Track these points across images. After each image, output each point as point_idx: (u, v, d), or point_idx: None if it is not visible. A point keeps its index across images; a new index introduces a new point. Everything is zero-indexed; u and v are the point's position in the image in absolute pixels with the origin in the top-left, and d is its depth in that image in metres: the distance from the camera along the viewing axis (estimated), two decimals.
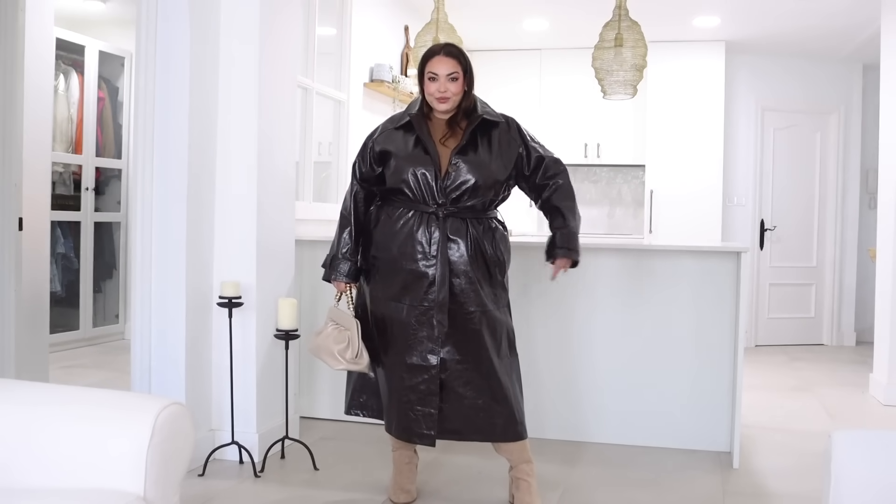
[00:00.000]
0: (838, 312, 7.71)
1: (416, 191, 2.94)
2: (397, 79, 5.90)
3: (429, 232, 2.93)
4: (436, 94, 2.94)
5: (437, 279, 2.90)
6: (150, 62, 3.44)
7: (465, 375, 2.93)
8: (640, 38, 4.40)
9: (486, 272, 2.97)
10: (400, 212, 2.98)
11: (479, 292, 2.93)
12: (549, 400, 4.08)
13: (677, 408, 3.97)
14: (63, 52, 5.89)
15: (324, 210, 5.28)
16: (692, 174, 7.18)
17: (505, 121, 3.06)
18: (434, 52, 2.99)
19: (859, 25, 6.34)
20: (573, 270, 3.17)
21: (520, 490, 3.07)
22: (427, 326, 2.92)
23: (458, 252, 2.93)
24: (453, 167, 2.92)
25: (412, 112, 3.02)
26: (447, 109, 2.97)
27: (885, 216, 5.29)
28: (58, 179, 6.14)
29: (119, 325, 6.69)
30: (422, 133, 2.96)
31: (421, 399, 2.93)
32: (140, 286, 3.49)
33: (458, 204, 2.94)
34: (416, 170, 2.93)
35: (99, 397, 2.02)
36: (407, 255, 2.94)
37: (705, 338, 3.94)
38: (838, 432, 1.88)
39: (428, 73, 2.96)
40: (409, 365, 2.94)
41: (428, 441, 2.95)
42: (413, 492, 3.17)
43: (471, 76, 3.00)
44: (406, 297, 2.94)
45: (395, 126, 3.04)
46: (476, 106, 3.01)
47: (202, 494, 3.20)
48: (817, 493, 3.21)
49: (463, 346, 2.93)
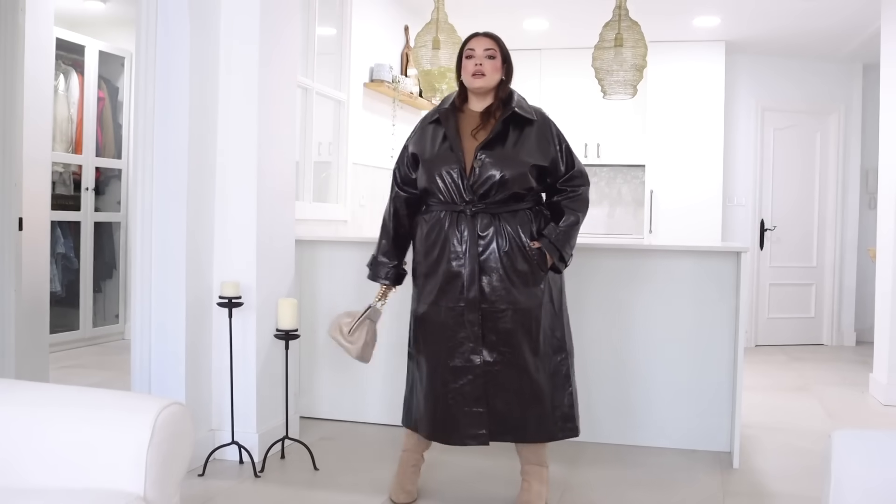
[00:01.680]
0: (838, 312, 7.70)
1: (444, 192, 2.94)
2: (397, 79, 5.90)
3: (459, 231, 2.92)
4: (472, 69, 2.95)
5: (465, 277, 2.90)
6: (150, 62, 3.44)
7: (498, 376, 2.91)
8: (640, 38, 4.40)
9: (524, 268, 2.92)
10: (433, 214, 2.99)
11: (511, 290, 2.90)
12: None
13: (677, 408, 3.97)
14: (63, 52, 5.90)
15: (324, 210, 5.28)
16: (692, 174, 7.17)
17: (542, 119, 3.03)
18: (474, 34, 3.04)
19: (859, 25, 6.33)
20: (573, 267, 3.18)
21: (522, 489, 3.08)
22: (465, 327, 2.91)
23: (488, 249, 2.91)
24: (478, 162, 2.90)
25: (443, 107, 3.02)
26: (482, 86, 2.96)
27: (885, 216, 5.28)
28: (58, 179, 6.14)
29: (119, 325, 6.69)
30: (449, 129, 2.96)
31: (469, 400, 2.91)
32: (140, 286, 3.49)
33: (487, 199, 2.91)
34: (442, 170, 2.93)
35: (99, 397, 2.02)
36: (442, 257, 2.94)
37: (705, 338, 3.94)
38: (838, 432, 1.88)
39: (466, 51, 2.99)
40: (452, 367, 2.93)
41: (482, 440, 2.94)
42: (414, 492, 3.17)
43: (509, 65, 3.02)
44: (443, 298, 2.94)
45: (428, 121, 3.06)
46: (512, 99, 2.99)
47: (202, 494, 3.20)
48: (817, 493, 3.21)
49: (494, 345, 2.91)
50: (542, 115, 3.05)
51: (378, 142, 5.95)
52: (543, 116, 3.05)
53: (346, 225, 5.51)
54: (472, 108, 3.02)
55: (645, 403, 3.99)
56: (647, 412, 3.99)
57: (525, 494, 3.05)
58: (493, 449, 3.79)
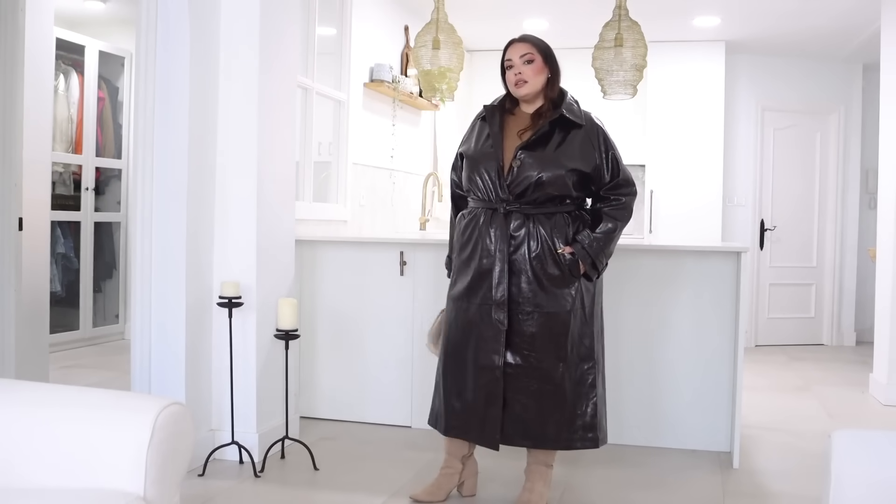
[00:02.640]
0: (838, 312, 7.70)
1: (482, 189, 2.94)
2: (397, 79, 5.90)
3: (492, 229, 2.92)
4: (513, 79, 2.94)
5: (496, 276, 2.89)
6: (150, 62, 3.44)
7: (517, 379, 2.90)
8: (640, 38, 4.40)
9: (555, 271, 2.89)
10: (470, 211, 3.01)
11: (539, 293, 2.88)
12: None
13: (677, 408, 3.97)
14: (63, 52, 5.89)
15: (324, 210, 5.28)
16: (692, 174, 7.17)
17: (591, 125, 2.98)
18: (511, 41, 3.02)
19: (859, 25, 6.33)
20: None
21: (524, 488, 3.07)
22: (491, 326, 2.90)
23: (519, 250, 2.90)
24: (517, 162, 2.89)
25: (493, 104, 3.03)
26: (526, 94, 2.95)
27: (885, 216, 5.28)
28: (58, 179, 6.14)
29: (119, 325, 6.69)
30: (493, 127, 2.96)
31: (487, 400, 2.91)
32: (140, 286, 3.49)
33: (523, 199, 2.90)
34: (481, 168, 2.93)
35: (99, 397, 2.02)
36: (475, 254, 2.95)
37: (705, 338, 3.94)
38: (838, 432, 1.88)
39: (506, 63, 2.99)
40: (477, 365, 2.92)
41: (493, 445, 2.93)
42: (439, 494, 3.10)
43: (553, 63, 2.98)
44: (473, 296, 2.94)
45: (478, 118, 3.07)
46: (563, 101, 2.96)
47: (202, 494, 3.20)
48: (817, 493, 3.20)
49: (518, 347, 2.90)
50: (591, 121, 3.00)
51: (378, 142, 5.95)
52: (592, 122, 3.00)
53: (346, 225, 5.51)
54: (524, 111, 3.02)
55: (645, 403, 3.99)
56: (648, 412, 3.99)
57: (527, 494, 3.04)
58: (494, 449, 3.79)
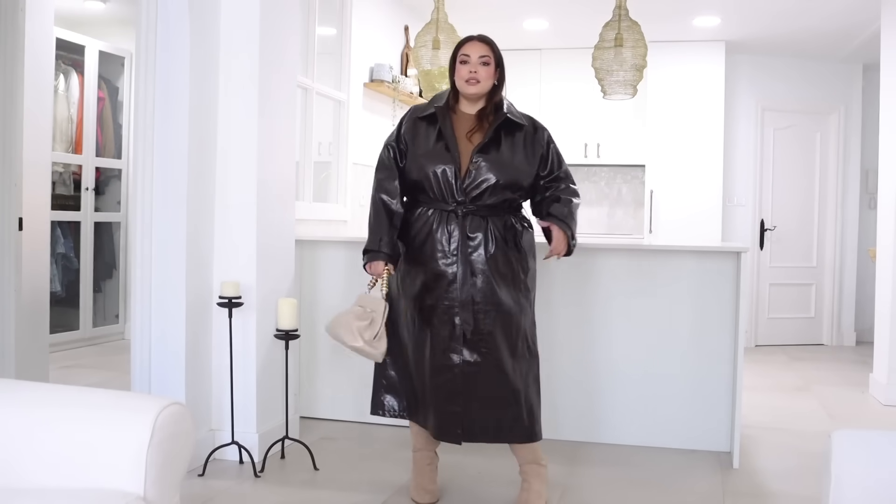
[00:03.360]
0: (838, 312, 7.70)
1: (436, 189, 2.94)
2: (397, 79, 5.90)
3: (448, 230, 2.93)
4: (465, 75, 2.94)
5: (458, 277, 2.91)
6: (150, 62, 3.44)
7: (476, 376, 2.92)
8: (640, 38, 4.40)
9: (507, 271, 2.95)
10: (420, 211, 3.00)
11: (496, 292, 2.92)
12: (549, 400, 4.07)
13: (677, 408, 3.97)
14: (63, 52, 5.89)
15: (324, 210, 5.28)
16: (692, 174, 7.17)
17: (531, 125, 3.05)
18: (469, 38, 3.03)
19: (859, 25, 6.33)
20: (573, 266, 3.18)
21: (521, 489, 3.08)
22: (448, 325, 2.92)
23: (477, 251, 2.92)
24: (474, 165, 2.91)
25: (438, 105, 3.01)
26: (476, 93, 2.96)
27: (885, 216, 5.28)
28: (58, 179, 6.14)
29: (119, 325, 6.69)
30: (445, 128, 2.96)
31: (447, 398, 2.93)
32: (140, 286, 3.49)
33: (478, 202, 2.93)
34: (437, 168, 2.93)
35: (99, 397, 2.02)
36: (427, 255, 2.95)
37: (705, 338, 3.94)
38: (838, 432, 1.88)
39: (460, 57, 2.98)
40: (433, 364, 2.95)
41: (455, 440, 2.96)
42: (436, 492, 3.17)
43: (503, 70, 3.01)
44: (427, 296, 2.95)
45: (419, 115, 3.03)
46: (503, 105, 3.01)
47: (202, 494, 3.20)
48: (817, 493, 3.20)
49: (475, 345, 2.92)
50: (532, 121, 3.08)
51: (378, 142, 5.90)
52: (533, 122, 3.07)
53: (346, 225, 5.51)
54: (464, 111, 3.02)
55: (645, 403, 3.99)
56: (648, 412, 3.99)
57: (525, 494, 3.06)
58: (493, 449, 3.79)
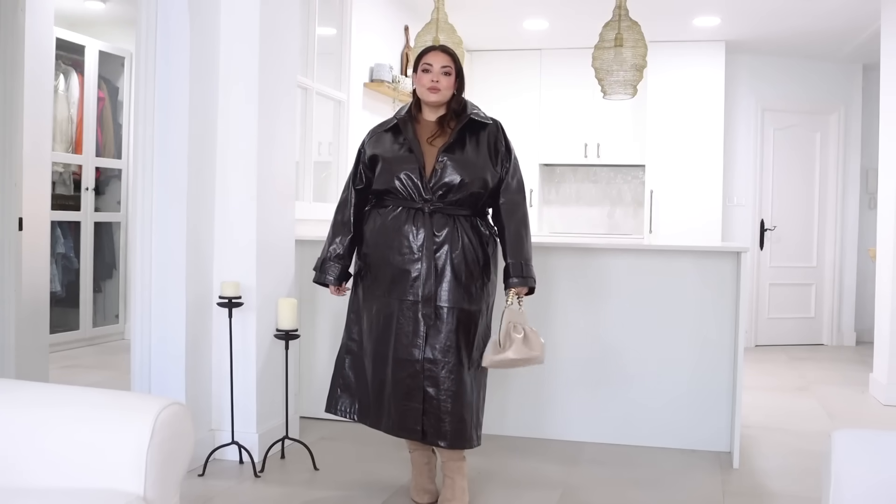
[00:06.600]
0: (838, 312, 7.70)
1: (403, 191, 3.00)
2: (397, 79, 5.90)
3: (415, 227, 2.98)
4: (427, 83, 3.03)
5: (422, 273, 2.95)
6: (150, 62, 3.44)
7: (436, 376, 2.94)
8: (640, 38, 4.41)
9: (469, 271, 2.99)
10: (389, 208, 3.04)
11: (457, 290, 2.96)
12: (549, 400, 4.08)
13: (677, 408, 3.97)
14: (63, 52, 5.89)
15: (324, 210, 5.27)
16: (692, 174, 7.17)
17: (494, 123, 3.12)
18: (431, 48, 3.14)
19: (859, 25, 6.33)
20: (573, 267, 3.18)
21: (444, 486, 3.10)
22: (412, 321, 2.96)
23: (441, 249, 2.97)
24: (440, 164, 2.98)
25: (399, 115, 3.11)
26: (437, 101, 3.05)
27: (885, 216, 5.29)
28: (58, 179, 6.14)
29: (119, 325, 6.69)
30: (407, 134, 3.05)
31: (407, 394, 2.96)
32: (140, 286, 3.49)
33: (445, 200, 2.98)
34: (402, 172, 2.99)
35: (99, 397, 2.02)
36: (394, 250, 2.99)
37: (705, 338, 3.94)
38: (838, 432, 1.88)
39: (423, 65, 3.07)
40: (395, 359, 2.97)
41: (416, 436, 2.98)
42: (434, 492, 3.17)
43: (462, 80, 3.12)
44: (394, 291, 2.99)
45: (383, 129, 3.13)
46: (465, 107, 3.09)
47: (202, 494, 3.20)
48: (817, 493, 3.21)
49: (434, 343, 2.95)
50: (496, 122, 3.13)
51: None
52: (497, 123, 3.13)
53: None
54: (425, 118, 3.10)
55: (645, 403, 3.99)
56: (648, 412, 3.99)
57: (448, 491, 3.07)
58: (493, 449, 3.79)
